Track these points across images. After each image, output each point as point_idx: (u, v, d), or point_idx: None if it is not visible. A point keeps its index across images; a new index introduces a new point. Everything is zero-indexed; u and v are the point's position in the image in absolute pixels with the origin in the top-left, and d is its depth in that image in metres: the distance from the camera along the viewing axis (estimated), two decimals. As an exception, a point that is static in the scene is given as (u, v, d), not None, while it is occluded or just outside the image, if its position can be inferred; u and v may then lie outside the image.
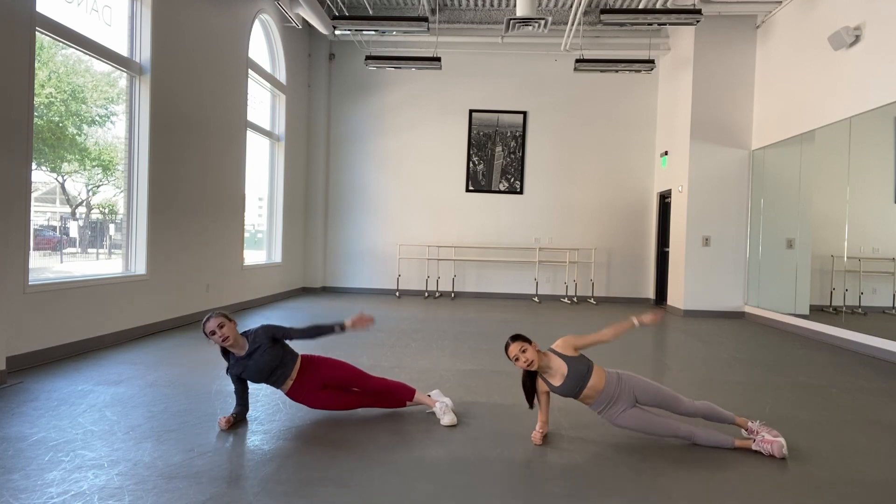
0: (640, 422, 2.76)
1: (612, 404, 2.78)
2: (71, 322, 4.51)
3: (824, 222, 6.41)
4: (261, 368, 2.95)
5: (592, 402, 2.82)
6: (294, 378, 3.05)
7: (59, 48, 4.64)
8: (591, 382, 2.77)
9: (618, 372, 2.85)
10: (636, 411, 2.77)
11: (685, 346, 5.77)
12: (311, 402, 3.09)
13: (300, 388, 3.06)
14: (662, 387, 2.84)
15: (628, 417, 2.76)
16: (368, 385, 3.13)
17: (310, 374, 3.07)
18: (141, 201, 5.42)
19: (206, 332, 2.87)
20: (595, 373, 2.79)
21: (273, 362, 2.97)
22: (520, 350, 2.74)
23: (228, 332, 2.88)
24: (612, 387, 2.78)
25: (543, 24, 7.41)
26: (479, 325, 6.68)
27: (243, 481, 2.30)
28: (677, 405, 2.79)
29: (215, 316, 2.88)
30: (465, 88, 10.05)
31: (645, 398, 2.79)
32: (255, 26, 7.76)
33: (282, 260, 8.98)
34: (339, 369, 3.12)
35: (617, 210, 10.05)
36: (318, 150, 9.96)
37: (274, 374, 3.00)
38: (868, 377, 4.56)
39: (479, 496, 2.23)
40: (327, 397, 3.08)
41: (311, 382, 3.07)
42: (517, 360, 2.74)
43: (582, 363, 2.79)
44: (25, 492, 2.15)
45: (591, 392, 2.78)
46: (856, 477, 2.52)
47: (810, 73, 6.72)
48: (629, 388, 2.79)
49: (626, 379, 2.82)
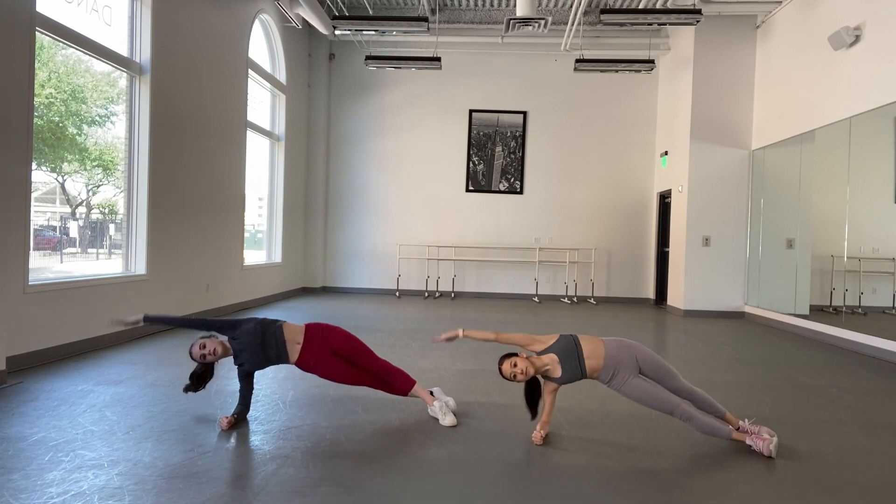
0: (645, 393, 2.74)
1: (618, 371, 2.76)
2: (71, 322, 4.51)
3: (824, 222, 6.41)
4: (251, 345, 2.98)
5: (601, 371, 2.79)
6: (301, 343, 3.05)
7: (59, 48, 4.64)
8: (587, 352, 2.77)
9: (616, 338, 2.87)
10: (641, 381, 2.76)
11: (685, 346, 5.77)
12: (320, 370, 3.07)
13: (310, 354, 3.05)
14: (661, 358, 2.86)
15: (634, 387, 2.75)
16: (372, 363, 3.15)
17: (318, 339, 3.08)
18: (141, 201, 5.42)
19: (195, 358, 3.00)
20: (584, 341, 2.81)
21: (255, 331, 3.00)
22: (511, 366, 2.74)
23: (213, 345, 2.99)
24: (614, 350, 2.79)
25: (543, 24, 7.41)
26: (479, 326, 6.68)
27: (243, 481, 2.30)
28: (674, 381, 2.81)
29: (194, 343, 3.01)
30: (465, 88, 10.05)
31: (646, 365, 2.79)
32: (255, 26, 7.76)
33: (282, 260, 8.98)
34: (349, 339, 3.14)
35: (617, 210, 10.05)
36: (318, 150, 9.96)
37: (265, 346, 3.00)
38: (868, 377, 4.56)
39: (479, 496, 2.23)
40: (336, 365, 3.07)
41: (322, 348, 3.07)
42: (515, 377, 2.74)
43: (562, 340, 2.81)
44: (25, 492, 2.15)
45: (594, 361, 2.77)
46: (856, 477, 2.52)
47: (810, 73, 6.72)
48: (630, 352, 2.79)
49: (626, 343, 2.84)
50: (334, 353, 3.09)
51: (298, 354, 3.05)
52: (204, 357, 2.99)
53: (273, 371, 4.11)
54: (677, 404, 2.73)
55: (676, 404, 2.73)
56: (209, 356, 2.99)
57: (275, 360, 3.04)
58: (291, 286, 9.50)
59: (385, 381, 3.17)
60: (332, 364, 3.07)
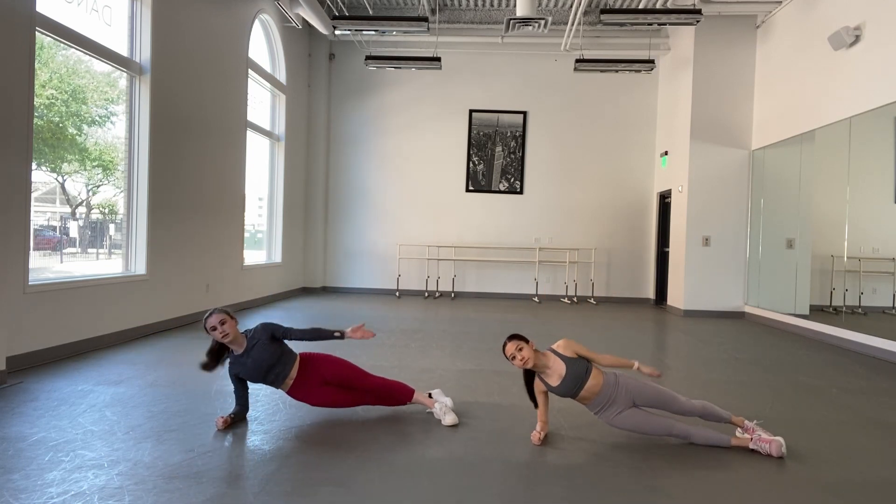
0: (636, 423, 2.76)
1: (609, 406, 2.79)
2: (71, 322, 4.51)
3: (824, 222, 6.41)
4: (259, 365, 2.95)
5: (589, 403, 2.83)
6: (294, 377, 3.05)
7: (59, 48, 4.64)
8: (589, 384, 2.77)
9: (615, 373, 2.85)
10: (633, 412, 2.77)
11: (685, 346, 5.77)
12: (312, 399, 3.09)
13: (301, 385, 3.06)
14: (660, 387, 2.85)
15: (625, 418, 2.77)
16: (368, 384, 3.13)
17: (310, 371, 3.07)
18: (141, 201, 5.42)
19: (206, 327, 2.88)
20: (593, 375, 2.80)
21: (271, 359, 2.97)
22: (516, 349, 2.75)
23: (229, 328, 2.89)
24: (610, 388, 2.78)
25: (543, 24, 7.41)
26: (479, 325, 6.68)
27: (243, 481, 2.30)
28: (675, 404, 2.80)
29: (217, 312, 2.89)
30: (465, 88, 10.05)
31: (643, 400, 2.80)
32: (255, 26, 7.76)
33: (282, 260, 8.98)
34: (340, 366, 3.12)
35: (617, 210, 10.05)
36: (318, 150, 9.96)
37: (272, 373, 2.99)
38: (868, 377, 4.56)
39: (479, 496, 2.23)
40: (328, 394, 3.08)
41: (312, 379, 3.07)
42: (513, 359, 2.75)
43: (580, 365, 2.79)
44: (25, 492, 2.15)
45: (588, 393, 2.79)
46: (856, 477, 2.52)
47: (810, 73, 6.72)
48: (626, 390, 2.79)
49: (624, 381, 2.82)
50: (325, 382, 3.09)
51: (290, 387, 3.07)
52: (214, 329, 2.85)
53: (273, 371, 4.11)
54: (672, 425, 2.75)
55: (671, 425, 2.75)
56: (220, 334, 2.86)
57: (269, 383, 3.04)
58: (291, 286, 9.50)
59: (383, 398, 3.18)
60: (322, 394, 3.08)
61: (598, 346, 5.43)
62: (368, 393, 3.16)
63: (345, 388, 3.13)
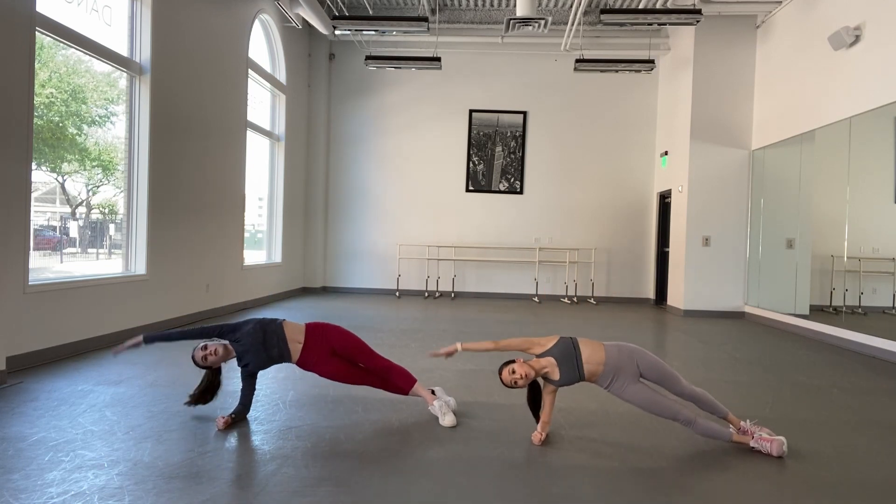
0: (645, 399, 2.73)
1: (618, 376, 2.75)
2: (71, 322, 4.51)
3: (824, 222, 6.41)
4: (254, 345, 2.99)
5: (600, 376, 2.77)
6: (302, 343, 3.07)
7: (59, 48, 4.64)
8: (585, 355, 2.76)
9: (617, 343, 2.85)
10: (641, 387, 2.75)
11: (685, 346, 5.77)
12: (321, 369, 3.09)
13: (310, 353, 3.07)
14: (665, 364, 2.84)
15: (635, 392, 2.74)
16: (373, 361, 3.16)
17: (319, 339, 3.09)
18: (141, 201, 5.42)
19: (199, 364, 3.01)
20: (584, 345, 2.79)
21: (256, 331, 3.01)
22: (510, 373, 2.73)
23: (214, 346, 3.00)
24: (614, 355, 2.77)
25: (543, 24, 7.41)
26: (479, 325, 6.68)
27: (243, 481, 2.30)
28: (677, 385, 2.79)
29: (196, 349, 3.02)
30: (465, 88, 10.05)
31: (647, 370, 2.78)
32: (255, 26, 7.76)
33: (282, 260, 8.98)
34: (348, 338, 3.15)
35: (617, 210, 10.05)
36: (318, 150, 9.96)
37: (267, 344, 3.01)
38: (868, 377, 4.56)
39: (479, 496, 2.23)
40: (336, 365, 3.09)
41: (322, 347, 3.08)
42: (516, 384, 2.73)
43: (561, 343, 2.79)
44: (25, 492, 2.15)
45: (593, 366, 2.76)
46: (856, 477, 2.52)
47: (810, 73, 6.72)
48: (631, 357, 2.77)
49: (627, 348, 2.81)
50: (334, 352, 3.10)
51: (299, 354, 3.06)
52: (206, 358, 2.99)
53: (273, 371, 4.11)
54: (679, 410, 2.72)
55: (678, 410, 2.72)
56: (210, 357, 2.99)
57: (277, 358, 3.05)
58: (291, 286, 9.50)
59: (386, 380, 3.18)
60: (332, 363, 3.08)
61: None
62: (372, 372, 3.17)
63: (351, 364, 3.15)
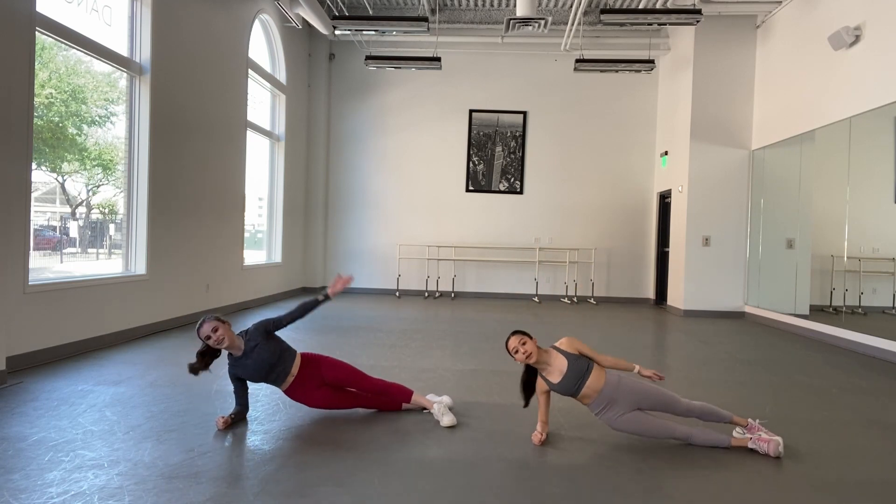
0: (638, 425, 2.76)
1: (610, 407, 2.78)
2: (71, 322, 4.51)
3: (824, 222, 6.41)
4: (259, 367, 2.96)
5: (591, 403, 2.82)
6: (295, 375, 3.06)
7: (59, 49, 4.64)
8: (590, 382, 2.77)
9: (618, 375, 2.85)
10: (635, 414, 2.77)
11: (685, 346, 5.77)
12: (310, 401, 3.10)
13: (300, 386, 3.07)
14: (662, 390, 2.85)
15: (626, 421, 2.77)
16: (366, 385, 3.14)
17: (310, 372, 3.09)
18: (141, 201, 5.42)
19: (201, 336, 2.88)
20: (594, 373, 2.79)
21: (271, 359, 2.98)
22: (519, 343, 2.76)
23: (224, 333, 2.88)
24: (612, 388, 2.78)
25: (543, 24, 7.40)
26: (479, 325, 6.68)
27: (243, 481, 2.30)
28: (676, 406, 2.80)
29: (209, 320, 2.89)
30: (465, 88, 10.05)
31: (647, 403, 2.79)
32: (255, 26, 7.76)
33: (282, 260, 8.98)
34: (339, 369, 3.13)
35: (617, 210, 10.05)
36: (318, 150, 9.96)
37: (273, 372, 3.00)
38: (868, 377, 4.56)
39: (479, 496, 2.23)
40: (326, 396, 3.09)
41: (311, 380, 3.08)
42: (516, 353, 2.76)
43: (582, 362, 2.79)
44: (25, 492, 2.15)
45: (589, 392, 2.78)
46: (856, 477, 2.52)
47: (810, 73, 6.72)
48: (629, 392, 2.78)
49: (627, 383, 2.81)
50: (324, 384, 3.10)
51: (290, 385, 3.07)
52: (209, 338, 2.86)
53: (273, 371, 4.11)
54: (674, 428, 2.76)
55: (673, 428, 2.76)
56: (215, 342, 2.87)
57: (271, 382, 3.05)
58: (291, 286, 9.50)
59: (381, 399, 3.19)
60: (320, 395, 3.09)
61: (598, 346, 5.43)
62: (367, 395, 3.17)
63: (342, 391, 3.15)
